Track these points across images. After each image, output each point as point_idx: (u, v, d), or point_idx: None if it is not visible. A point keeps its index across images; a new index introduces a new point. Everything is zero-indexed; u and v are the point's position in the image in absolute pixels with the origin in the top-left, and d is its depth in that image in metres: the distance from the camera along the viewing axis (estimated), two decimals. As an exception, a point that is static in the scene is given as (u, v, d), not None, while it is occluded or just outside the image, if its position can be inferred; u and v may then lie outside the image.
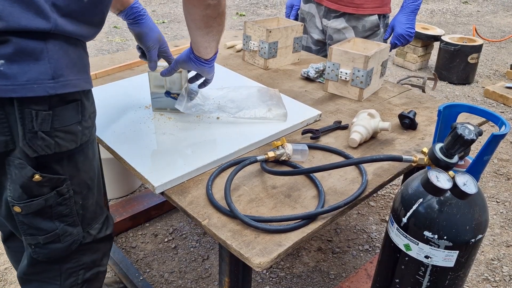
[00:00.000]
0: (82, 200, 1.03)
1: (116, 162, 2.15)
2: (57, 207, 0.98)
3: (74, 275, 1.13)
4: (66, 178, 0.96)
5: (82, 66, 0.90)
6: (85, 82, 0.91)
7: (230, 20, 5.99)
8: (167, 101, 1.34)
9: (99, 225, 1.12)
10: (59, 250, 1.04)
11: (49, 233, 0.99)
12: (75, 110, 0.90)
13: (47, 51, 0.81)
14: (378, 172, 1.14)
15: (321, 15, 2.07)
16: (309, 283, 1.92)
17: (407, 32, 1.98)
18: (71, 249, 1.06)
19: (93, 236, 1.10)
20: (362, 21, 1.97)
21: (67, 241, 1.03)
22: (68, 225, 1.02)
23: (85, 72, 0.91)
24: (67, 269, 1.10)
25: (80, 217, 1.05)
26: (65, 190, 0.97)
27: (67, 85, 0.85)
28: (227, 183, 1.03)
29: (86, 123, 0.94)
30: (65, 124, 0.88)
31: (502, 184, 2.68)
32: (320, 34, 2.12)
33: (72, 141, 0.92)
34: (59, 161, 0.93)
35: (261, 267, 0.85)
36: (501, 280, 1.98)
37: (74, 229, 1.04)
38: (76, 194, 1.00)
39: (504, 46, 5.40)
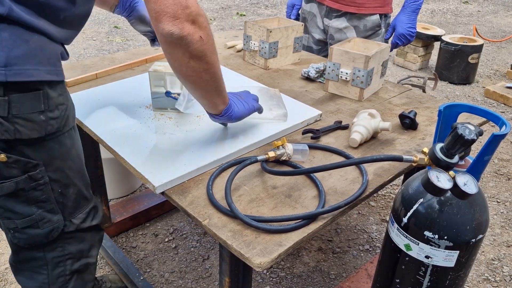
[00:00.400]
0: (61, 188, 1.04)
1: (116, 162, 2.15)
2: (32, 192, 1.00)
3: (61, 265, 1.14)
4: (38, 163, 0.97)
5: (45, 57, 0.91)
6: (47, 73, 0.91)
7: (230, 20, 6.00)
8: (167, 101, 1.34)
9: (83, 214, 1.14)
10: (39, 236, 1.06)
11: (25, 217, 1.02)
12: (36, 100, 0.91)
13: (1, 39, 0.83)
14: (378, 172, 1.14)
15: (322, 14, 2.07)
16: (309, 283, 1.92)
17: (408, 31, 1.98)
18: (52, 236, 1.07)
19: (76, 226, 1.12)
20: (364, 21, 1.97)
21: (46, 227, 1.05)
22: (47, 212, 1.04)
23: (50, 63, 0.92)
24: (53, 258, 1.12)
25: (61, 205, 1.06)
26: (38, 175, 0.98)
27: (21, 74, 0.86)
28: (227, 183, 1.03)
29: (52, 113, 0.95)
30: (24, 112, 0.90)
31: (502, 184, 2.68)
32: (321, 34, 2.12)
33: (34, 129, 0.93)
34: (30, 146, 0.95)
35: (261, 267, 0.85)
36: (501, 280, 1.97)
37: (54, 216, 1.06)
38: (54, 182, 1.02)
39: (504, 46, 5.39)
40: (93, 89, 1.48)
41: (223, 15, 6.25)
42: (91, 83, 1.55)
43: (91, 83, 1.55)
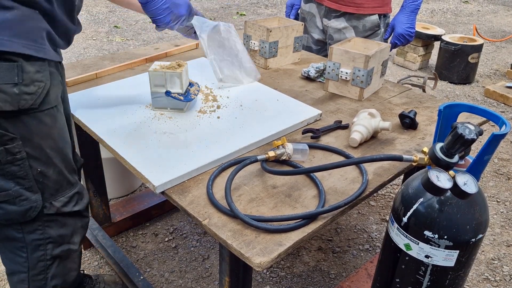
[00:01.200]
0: (41, 166, 1.05)
1: (116, 162, 2.15)
2: (9, 166, 1.00)
3: (42, 249, 1.14)
4: (15, 137, 0.98)
5: (24, 31, 0.91)
6: (23, 46, 0.91)
7: (230, 20, 5.99)
8: (167, 100, 1.34)
9: (65, 198, 1.14)
10: (15, 213, 1.06)
11: (1, 191, 1.02)
12: (9, 71, 0.91)
13: None
14: (378, 172, 1.14)
15: (321, 14, 2.07)
16: (309, 282, 1.92)
17: (407, 32, 1.98)
18: (29, 216, 1.08)
19: (57, 208, 1.12)
20: (363, 21, 1.97)
21: (23, 205, 1.06)
22: (25, 189, 1.05)
23: (29, 38, 0.92)
24: (32, 240, 1.12)
25: (40, 185, 1.07)
26: (15, 149, 0.99)
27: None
28: (227, 183, 1.03)
29: (27, 88, 0.95)
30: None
31: (502, 184, 2.68)
32: (320, 34, 2.12)
33: (6, 101, 0.93)
34: (7, 119, 0.95)
35: (261, 267, 0.85)
36: (501, 280, 1.98)
37: (32, 195, 1.06)
38: (32, 159, 1.03)
39: (504, 46, 5.39)
40: (93, 89, 1.48)
41: (223, 15, 6.25)
42: (91, 83, 1.55)
43: (91, 83, 1.55)
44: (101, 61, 1.75)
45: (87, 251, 2.03)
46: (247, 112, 1.38)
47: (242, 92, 1.51)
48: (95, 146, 1.82)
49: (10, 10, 0.88)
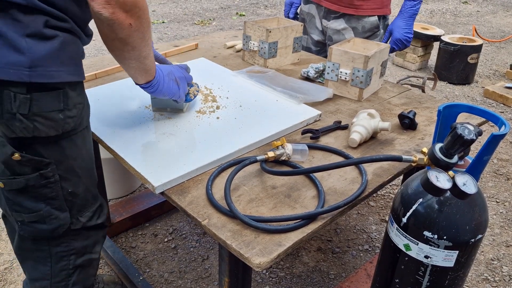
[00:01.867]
0: (71, 187, 1.06)
1: (116, 162, 2.15)
2: (42, 189, 1.01)
3: (65, 259, 1.16)
4: (50, 162, 0.99)
5: (67, 58, 0.92)
6: (68, 74, 0.93)
7: (230, 20, 6.00)
8: (166, 101, 1.34)
9: (90, 213, 1.15)
10: (44, 231, 1.07)
11: (32, 213, 1.04)
12: (56, 99, 0.92)
13: (26, 42, 0.84)
14: (378, 172, 1.14)
15: (321, 15, 2.07)
16: (309, 283, 1.92)
17: (404, 37, 1.98)
18: (58, 232, 1.09)
19: (83, 223, 1.13)
20: (362, 22, 1.97)
21: (52, 223, 1.07)
22: (55, 209, 1.06)
23: (72, 64, 0.94)
24: (57, 252, 1.14)
25: (69, 203, 1.08)
26: (50, 174, 1.00)
27: (44, 76, 0.87)
28: (227, 183, 1.03)
29: (70, 112, 0.97)
30: (44, 110, 0.91)
31: (501, 184, 2.69)
32: (320, 35, 2.13)
33: (51, 127, 0.94)
34: (44, 145, 0.96)
35: (261, 267, 0.85)
36: (500, 280, 1.98)
37: (61, 214, 1.07)
38: (64, 180, 1.04)
39: (503, 46, 5.40)
40: (93, 89, 1.48)
41: (222, 15, 6.25)
42: (91, 83, 1.54)
43: (91, 83, 1.55)
44: (101, 61, 1.75)
45: (86, 252, 2.03)
46: (247, 112, 1.38)
47: (242, 92, 1.51)
48: (95, 147, 1.81)
49: (53, 39, 0.88)
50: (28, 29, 0.85)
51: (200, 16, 6.12)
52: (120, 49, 1.00)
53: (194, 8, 6.53)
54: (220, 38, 2.17)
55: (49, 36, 0.87)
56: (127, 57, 1.03)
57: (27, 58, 0.84)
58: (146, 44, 1.03)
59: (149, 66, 1.10)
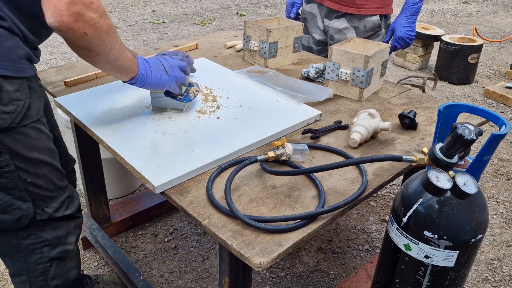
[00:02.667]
0: (30, 177, 1.07)
1: (116, 162, 2.15)
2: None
3: (38, 252, 1.17)
4: (2, 151, 1.00)
5: (3, 53, 0.92)
6: (2, 68, 0.93)
7: (230, 20, 6.00)
8: (166, 100, 1.34)
9: (56, 204, 1.17)
10: (7, 221, 1.09)
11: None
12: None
13: None
14: (378, 172, 1.14)
15: (322, 15, 2.07)
16: (309, 283, 1.92)
17: (407, 35, 1.98)
18: (22, 223, 1.10)
19: (49, 214, 1.15)
20: (364, 22, 1.97)
21: (14, 214, 1.08)
22: (16, 199, 1.07)
23: (7, 59, 0.94)
24: (27, 245, 1.15)
25: (32, 194, 1.09)
26: (4, 163, 1.01)
27: None
28: (227, 183, 1.03)
29: (5, 107, 0.97)
30: None
31: (502, 184, 2.68)
32: (321, 35, 2.13)
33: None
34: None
35: (261, 267, 0.85)
36: (501, 280, 1.98)
37: (23, 204, 1.09)
38: (21, 171, 1.05)
39: (504, 46, 5.40)
40: (93, 89, 1.48)
41: (222, 15, 6.25)
42: (91, 83, 1.54)
43: (91, 83, 1.55)
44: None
45: (86, 252, 2.03)
46: (247, 112, 1.38)
47: (242, 92, 1.51)
48: (95, 146, 1.82)
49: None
50: None
51: (200, 16, 6.12)
52: (86, 55, 1.01)
53: (194, 8, 6.53)
54: (220, 38, 2.17)
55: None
56: (95, 61, 1.05)
57: None
58: (113, 48, 1.03)
59: (125, 66, 1.10)
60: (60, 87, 1.51)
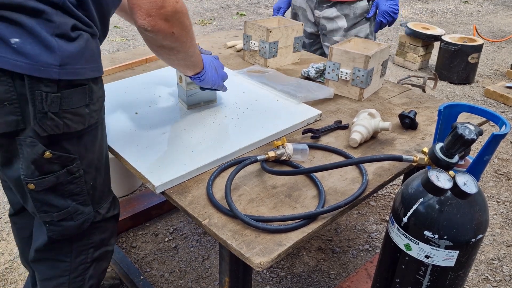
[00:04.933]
0: (92, 180, 1.08)
1: (116, 162, 2.14)
2: (68, 185, 1.03)
3: (84, 253, 1.17)
4: (76, 157, 1.01)
5: (90, 56, 0.95)
6: (91, 71, 0.95)
7: (230, 20, 5.99)
8: (201, 95, 1.37)
9: (107, 204, 1.17)
10: (72, 227, 1.09)
11: (61, 210, 1.05)
12: (82, 94, 0.95)
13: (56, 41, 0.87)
14: (378, 172, 1.14)
15: (313, 7, 2.12)
16: (309, 282, 1.92)
17: (391, 8, 2.01)
18: (83, 227, 1.11)
19: (102, 215, 1.15)
20: (353, 8, 2.04)
21: (79, 219, 1.08)
22: (80, 204, 1.07)
23: (93, 61, 0.96)
24: (78, 246, 1.16)
25: (91, 197, 1.10)
26: (75, 169, 1.02)
27: (72, 73, 0.90)
28: (227, 183, 1.03)
29: (94, 106, 0.99)
30: (73, 107, 0.93)
31: (502, 184, 2.68)
32: (312, 27, 2.18)
33: (79, 122, 0.97)
34: (69, 141, 0.98)
35: (261, 267, 0.85)
36: (501, 280, 1.98)
37: (85, 208, 1.09)
38: (86, 174, 1.06)
39: (504, 46, 5.39)
40: (93, 89, 1.48)
41: (223, 15, 6.25)
42: (91, 83, 1.54)
43: (91, 83, 1.55)
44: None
45: (87, 251, 2.03)
46: (247, 112, 1.38)
47: (242, 92, 1.51)
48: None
49: (78, 39, 0.91)
50: (58, 29, 0.87)
51: (200, 16, 6.12)
52: (167, 54, 1.08)
53: (195, 8, 6.53)
54: (220, 37, 2.17)
55: (74, 37, 0.90)
56: (174, 59, 1.12)
57: (57, 57, 0.86)
58: (191, 45, 1.09)
59: (196, 62, 1.18)
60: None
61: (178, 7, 0.97)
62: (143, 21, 0.95)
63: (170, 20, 0.97)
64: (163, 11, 0.95)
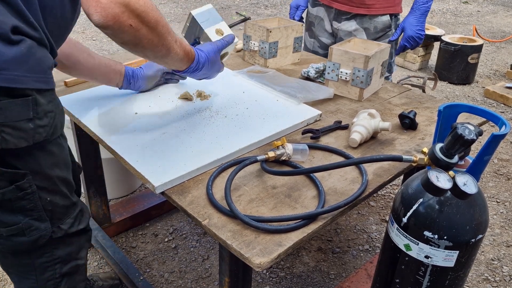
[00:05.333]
0: (49, 196, 1.01)
1: (116, 162, 2.15)
2: (19, 201, 0.96)
3: (50, 269, 1.12)
4: (26, 173, 0.93)
5: (35, 65, 0.87)
6: (36, 81, 0.87)
7: (230, 20, 5.99)
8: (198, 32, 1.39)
9: (71, 219, 1.10)
10: (25, 243, 1.02)
11: (10, 226, 0.98)
12: (24, 106, 0.86)
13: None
14: (378, 172, 1.14)
15: (331, 18, 2.04)
16: (309, 283, 1.92)
17: (417, 34, 1.95)
18: (38, 243, 1.04)
19: (64, 231, 1.09)
20: (374, 22, 1.96)
21: (33, 235, 1.02)
22: (34, 220, 1.01)
23: (39, 71, 0.89)
24: (40, 263, 1.10)
25: (49, 213, 1.03)
26: (26, 185, 0.95)
27: (8, 80, 0.82)
28: (227, 183, 1.03)
29: (41, 121, 0.91)
30: (12, 120, 0.85)
31: (502, 184, 2.68)
32: (329, 38, 2.09)
33: (21, 138, 0.88)
34: (17, 156, 0.91)
35: (261, 267, 0.85)
36: (501, 280, 1.98)
37: (41, 224, 1.02)
38: (41, 190, 0.99)
39: (504, 46, 5.39)
40: (93, 89, 1.48)
41: (223, 15, 6.25)
42: (91, 83, 1.54)
43: (91, 83, 1.55)
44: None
45: (86, 252, 2.03)
46: (247, 112, 1.38)
47: (242, 92, 1.51)
48: (95, 146, 1.82)
49: (19, 43, 0.83)
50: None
51: (200, 16, 6.11)
52: (134, 51, 1.00)
53: (195, 8, 6.53)
54: (220, 38, 2.17)
55: (14, 40, 0.82)
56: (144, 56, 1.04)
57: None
58: (159, 44, 1.00)
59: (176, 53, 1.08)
60: (61, 87, 1.51)
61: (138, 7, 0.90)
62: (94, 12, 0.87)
63: (126, 10, 0.89)
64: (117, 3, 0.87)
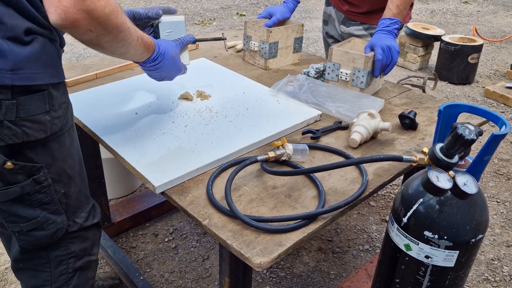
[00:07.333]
0: (64, 188, 1.05)
1: (116, 162, 2.15)
2: (36, 195, 1.00)
3: (64, 263, 1.15)
4: (42, 166, 0.98)
5: (48, 60, 0.91)
6: (50, 76, 0.92)
7: (230, 20, 5.99)
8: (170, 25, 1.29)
9: (85, 213, 1.15)
10: (44, 237, 1.06)
11: (30, 221, 1.02)
12: (41, 100, 0.91)
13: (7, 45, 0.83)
14: (378, 172, 1.14)
15: (340, 21, 2.05)
16: (309, 283, 1.92)
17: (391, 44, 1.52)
18: (56, 236, 1.08)
19: (80, 225, 1.13)
20: None
21: (51, 228, 1.06)
22: (51, 213, 1.05)
23: (52, 66, 0.92)
24: (56, 256, 1.13)
25: (64, 206, 1.07)
26: (42, 178, 0.99)
27: (27, 78, 0.86)
28: (227, 183, 1.03)
29: (56, 112, 0.96)
30: (31, 114, 0.90)
31: (502, 184, 2.68)
32: (338, 38, 2.11)
33: (40, 130, 0.93)
34: (32, 149, 0.95)
35: (261, 267, 0.85)
36: (501, 280, 1.98)
37: (57, 217, 1.06)
38: (56, 183, 1.02)
39: (504, 46, 5.39)
40: (93, 89, 1.48)
41: (223, 15, 6.25)
42: (91, 83, 1.55)
43: (91, 83, 1.55)
44: (101, 62, 1.75)
45: (87, 252, 2.03)
46: (247, 112, 1.38)
47: (242, 93, 1.51)
48: (95, 146, 1.82)
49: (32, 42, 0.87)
50: (10, 32, 0.83)
51: (200, 16, 6.11)
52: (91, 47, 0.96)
53: (195, 8, 6.53)
54: (220, 38, 2.17)
55: (27, 41, 0.86)
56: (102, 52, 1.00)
57: (9, 61, 0.83)
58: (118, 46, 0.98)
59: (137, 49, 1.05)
60: (61, 87, 1.51)
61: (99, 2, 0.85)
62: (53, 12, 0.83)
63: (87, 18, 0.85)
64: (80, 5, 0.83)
